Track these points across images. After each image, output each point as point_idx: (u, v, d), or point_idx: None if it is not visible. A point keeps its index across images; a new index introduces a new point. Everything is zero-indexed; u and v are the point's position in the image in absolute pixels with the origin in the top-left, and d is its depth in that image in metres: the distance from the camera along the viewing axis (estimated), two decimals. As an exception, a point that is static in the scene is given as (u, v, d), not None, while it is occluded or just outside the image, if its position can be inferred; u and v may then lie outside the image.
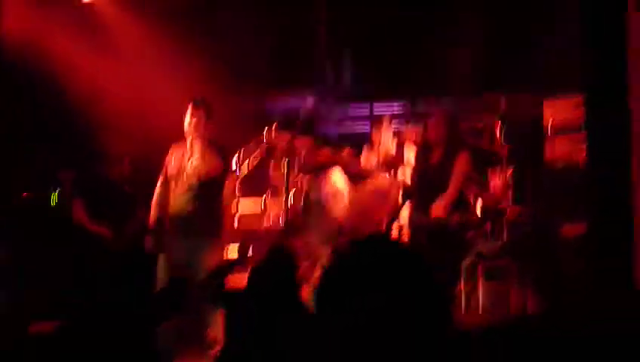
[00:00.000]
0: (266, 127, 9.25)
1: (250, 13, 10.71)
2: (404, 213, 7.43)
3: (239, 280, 8.59)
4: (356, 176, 6.81)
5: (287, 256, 5.16)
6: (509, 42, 10.27)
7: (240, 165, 9.39)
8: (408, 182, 8.42)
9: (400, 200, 6.93)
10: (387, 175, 8.46)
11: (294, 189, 8.66)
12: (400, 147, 9.11)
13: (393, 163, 8.82)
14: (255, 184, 9.65)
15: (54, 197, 9.70)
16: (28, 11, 9.82)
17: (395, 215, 6.49)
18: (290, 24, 10.96)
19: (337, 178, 6.23)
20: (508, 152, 8.51)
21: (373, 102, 10.99)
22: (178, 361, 6.76)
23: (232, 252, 9.10)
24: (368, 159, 9.06)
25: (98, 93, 9.78)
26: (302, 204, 7.13)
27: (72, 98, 10.03)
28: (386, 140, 9.05)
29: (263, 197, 9.46)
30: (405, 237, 7.24)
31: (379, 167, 8.65)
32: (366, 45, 11.02)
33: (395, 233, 6.68)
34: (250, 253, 9.28)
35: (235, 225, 9.31)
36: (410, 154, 9.01)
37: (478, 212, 7.85)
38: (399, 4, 10.50)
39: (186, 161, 7.45)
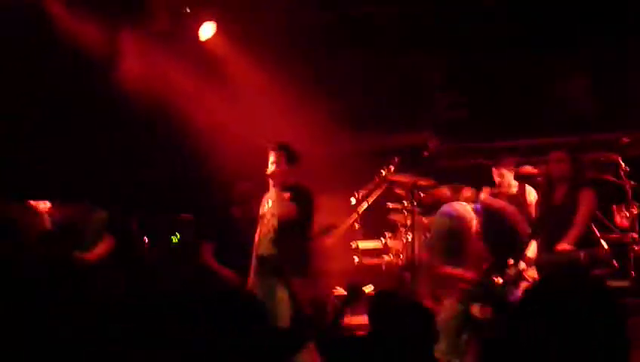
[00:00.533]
0: (385, 165, 9.29)
1: (370, 54, 10.77)
2: (530, 251, 7.34)
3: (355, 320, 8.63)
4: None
5: (412, 303, 5.04)
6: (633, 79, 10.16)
7: (359, 203, 9.44)
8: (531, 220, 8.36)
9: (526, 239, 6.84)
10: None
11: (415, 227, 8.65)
12: (522, 185, 9.03)
13: (515, 201, 8.75)
14: (374, 221, 9.69)
15: (174, 240, 9.86)
16: (146, 50, 10.06)
17: (520, 254, 6.42)
18: (408, 63, 10.98)
19: (468, 208, 6.18)
20: (632, 188, 8.35)
21: (492, 139, 10.90)
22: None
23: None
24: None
25: (216, 133, 9.93)
26: (428, 240, 7.06)
27: (189, 138, 10.21)
28: (507, 179, 8.99)
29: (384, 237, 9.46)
30: (530, 277, 7.15)
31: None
32: (484, 80, 10.97)
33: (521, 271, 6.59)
34: (370, 289, 9.28)
35: (357, 260, 9.34)
36: (531, 192, 8.93)
37: (605, 249, 7.70)
38: (517, 44, 10.43)
39: (267, 205, 7.63)
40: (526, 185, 8.96)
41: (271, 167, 7.56)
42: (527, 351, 2.24)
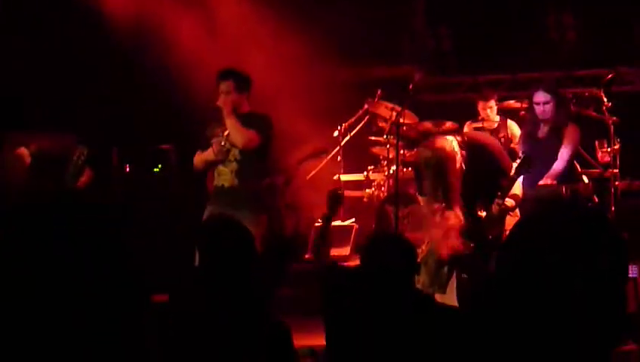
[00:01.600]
0: (369, 98, 9.27)
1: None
2: (517, 188, 7.37)
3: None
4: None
5: (398, 239, 5.05)
6: (617, 15, 10.14)
7: (342, 135, 9.44)
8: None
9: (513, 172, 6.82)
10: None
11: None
12: (503, 119, 9.05)
13: (497, 135, 8.77)
14: (357, 154, 9.70)
15: (156, 170, 9.83)
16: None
17: (506, 190, 6.39)
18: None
19: (453, 141, 6.13)
20: (614, 124, 8.34)
21: (475, 73, 10.89)
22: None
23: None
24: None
25: (199, 66, 9.83)
26: (413, 171, 7.00)
27: (173, 73, 10.12)
28: (490, 113, 9.00)
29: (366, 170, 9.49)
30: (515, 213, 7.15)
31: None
32: (468, 16, 10.92)
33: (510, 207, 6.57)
34: (351, 222, 9.35)
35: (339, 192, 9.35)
36: (512, 125, 8.95)
37: (586, 184, 7.72)
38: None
39: (224, 135, 7.16)
40: (507, 119, 8.97)
41: (221, 98, 7.08)
42: (515, 284, 2.21)
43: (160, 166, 9.80)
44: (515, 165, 6.27)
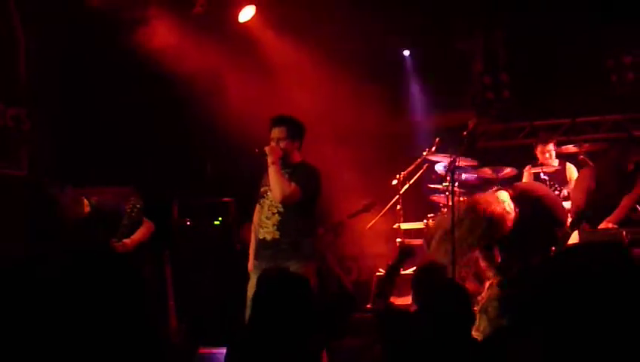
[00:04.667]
0: (427, 147, 9.28)
1: (410, 34, 10.73)
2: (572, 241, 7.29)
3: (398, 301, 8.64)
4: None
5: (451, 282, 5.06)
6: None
7: (401, 184, 9.43)
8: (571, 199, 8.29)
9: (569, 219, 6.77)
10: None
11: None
12: (562, 163, 8.99)
13: (557, 178, 8.72)
14: (416, 202, 9.68)
15: (217, 223, 9.87)
16: (179, 32, 9.99)
17: (562, 243, 6.34)
18: (446, 42, 10.92)
19: (505, 198, 6.14)
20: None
21: (533, 119, 10.84)
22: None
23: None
24: (531, 176, 8.99)
25: (258, 118, 9.87)
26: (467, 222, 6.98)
27: (233, 127, 10.19)
28: (548, 157, 8.94)
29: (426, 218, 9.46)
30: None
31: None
32: (525, 60, 10.88)
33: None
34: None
35: (399, 240, 9.36)
36: (571, 169, 8.89)
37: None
38: (560, 23, 10.34)
39: (268, 185, 6.76)
40: (567, 162, 8.91)
41: (271, 144, 6.60)
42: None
43: (220, 219, 9.85)
44: (570, 219, 6.24)
